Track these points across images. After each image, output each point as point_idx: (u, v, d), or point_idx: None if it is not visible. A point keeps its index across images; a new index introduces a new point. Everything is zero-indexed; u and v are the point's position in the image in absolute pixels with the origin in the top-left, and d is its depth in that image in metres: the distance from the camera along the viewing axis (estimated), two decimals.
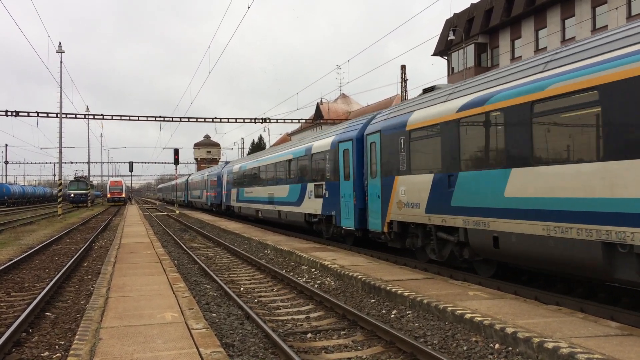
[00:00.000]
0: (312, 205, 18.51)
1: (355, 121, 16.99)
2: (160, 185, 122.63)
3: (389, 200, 13.06)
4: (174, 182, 68.00)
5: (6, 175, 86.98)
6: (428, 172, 11.37)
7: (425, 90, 12.99)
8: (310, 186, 18.71)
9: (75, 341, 6.44)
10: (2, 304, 10.11)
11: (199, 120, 44.84)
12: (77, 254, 16.61)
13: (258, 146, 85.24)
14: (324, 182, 17.47)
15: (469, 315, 7.33)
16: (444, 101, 11.04)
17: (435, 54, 46.97)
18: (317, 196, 18.04)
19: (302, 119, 49.83)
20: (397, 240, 13.18)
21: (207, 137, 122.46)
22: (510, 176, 8.97)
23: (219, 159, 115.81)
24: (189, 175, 66.81)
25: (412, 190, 11.97)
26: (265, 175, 25.82)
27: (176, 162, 47.69)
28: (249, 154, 71.53)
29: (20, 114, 39.62)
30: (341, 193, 15.99)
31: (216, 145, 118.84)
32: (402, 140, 12.44)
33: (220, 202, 38.73)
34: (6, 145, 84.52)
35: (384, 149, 13.40)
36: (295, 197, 20.43)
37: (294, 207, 20.67)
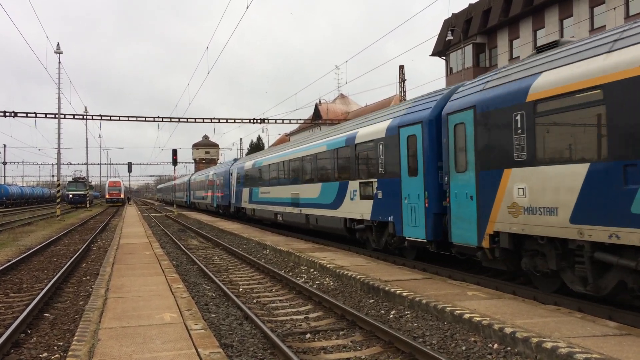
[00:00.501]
0: (357, 208, 14.90)
1: (420, 99, 12.97)
2: (159, 186, 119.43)
3: (490, 203, 9.44)
4: (174, 182, 66.92)
5: (4, 176, 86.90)
6: (577, 161, 7.81)
7: (541, 49, 9.45)
8: (354, 184, 15.10)
9: (74, 342, 6.44)
10: (0, 305, 10.09)
11: (197, 120, 44.84)
12: (76, 255, 16.59)
13: (257, 146, 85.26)
14: (374, 180, 13.85)
15: (468, 315, 7.34)
16: (609, 51, 7.48)
17: (433, 54, 47.00)
18: (364, 197, 14.49)
19: (300, 120, 49.85)
20: (504, 259, 9.49)
21: (205, 137, 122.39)
22: None
23: (218, 159, 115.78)
24: (192, 174, 63.59)
25: (540, 189, 8.42)
26: (287, 172, 21.84)
27: (175, 162, 47.71)
28: (247, 154, 71.40)
29: (18, 114, 39.59)
30: (403, 193, 12.47)
31: (215, 145, 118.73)
32: (517, 117, 8.88)
33: (229, 204, 34.69)
34: (4, 146, 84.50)
35: (481, 131, 9.72)
36: (331, 197, 16.84)
37: (328, 210, 17.02)
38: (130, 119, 44.37)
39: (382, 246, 14.06)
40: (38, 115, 40.48)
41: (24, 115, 39.89)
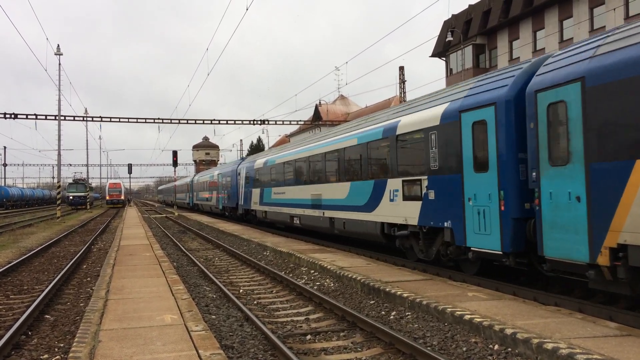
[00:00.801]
0: (399, 211, 12.64)
1: (486, 78, 10.64)
2: (160, 187, 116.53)
3: (613, 207, 7.15)
4: (174, 184, 65.31)
5: (5, 178, 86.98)
6: None
7: None
8: (394, 183, 12.85)
9: (74, 344, 6.44)
10: (1, 307, 10.10)
11: (197, 122, 44.90)
12: (76, 257, 16.60)
13: (257, 148, 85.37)
14: (424, 177, 11.64)
15: (469, 316, 7.34)
16: None
17: (433, 55, 47.04)
18: (408, 197, 12.25)
19: (300, 121, 49.90)
20: (632, 282, 7.21)
21: (205, 138, 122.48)
22: None
23: (218, 160, 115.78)
24: (195, 174, 60.90)
25: None
26: (307, 171, 19.48)
27: (175, 164, 47.73)
28: (247, 155, 71.35)
29: (18, 116, 39.62)
30: (466, 193, 10.21)
31: (215, 147, 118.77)
32: None
33: (236, 205, 32.24)
34: (5, 147, 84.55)
35: (595, 110, 7.49)
36: (363, 198, 14.53)
37: (359, 213, 14.82)
38: (130, 120, 44.42)
39: (432, 257, 11.85)
40: (38, 116, 40.54)
41: (24, 116, 39.96)
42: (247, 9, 20.50)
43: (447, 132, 10.90)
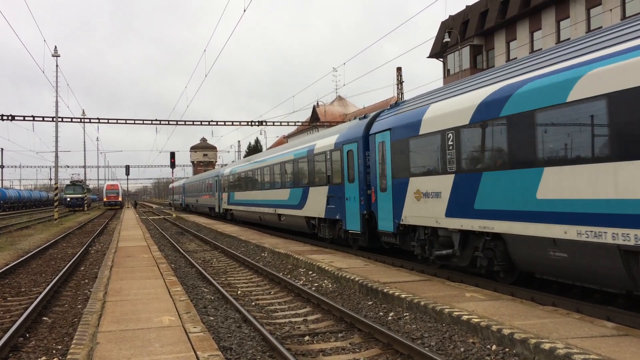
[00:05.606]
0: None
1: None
2: (174, 184, 75.44)
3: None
4: (206, 178, 44.82)
5: (2, 180, 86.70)
6: None
7: None
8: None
9: (72, 345, 6.43)
10: None
11: (195, 123, 44.80)
12: (74, 258, 16.58)
13: (254, 149, 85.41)
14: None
15: (466, 316, 7.35)
16: None
17: (431, 56, 47.09)
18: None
19: (298, 122, 49.90)
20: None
21: (203, 140, 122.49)
22: None
23: (216, 162, 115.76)
24: (224, 166, 45.32)
25: None
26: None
27: (172, 165, 47.67)
28: (245, 156, 71.24)
29: (16, 118, 39.53)
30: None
31: (213, 148, 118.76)
32: None
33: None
34: (2, 149, 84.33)
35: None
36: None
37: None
38: (128, 121, 44.35)
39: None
40: (35, 118, 40.43)
41: (22, 118, 39.84)
42: (244, 10, 20.51)
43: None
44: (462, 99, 10.18)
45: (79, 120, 44.39)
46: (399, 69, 42.62)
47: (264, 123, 44.91)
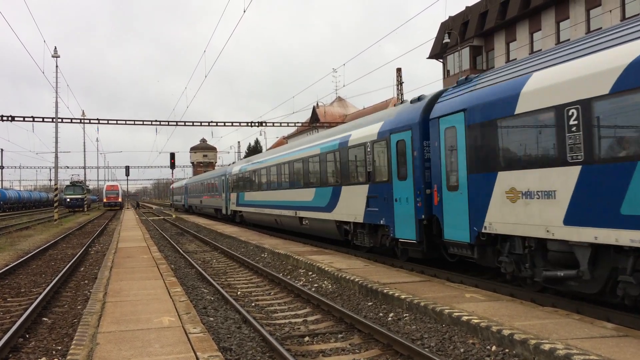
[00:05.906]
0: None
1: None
2: (175, 184, 73.28)
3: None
4: (211, 177, 42.33)
5: (2, 180, 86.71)
6: None
7: None
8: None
9: (72, 346, 6.44)
10: None
11: (195, 124, 44.82)
12: (74, 259, 16.58)
13: (254, 149, 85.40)
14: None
15: (466, 317, 7.35)
16: None
17: (430, 57, 47.11)
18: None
19: (298, 123, 49.94)
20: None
21: (203, 140, 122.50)
22: None
23: (216, 162, 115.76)
24: (231, 164, 39.07)
25: None
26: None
27: (172, 166, 47.66)
28: (244, 157, 71.22)
29: (15, 118, 39.54)
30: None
31: (213, 149, 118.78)
32: None
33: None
34: (2, 150, 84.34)
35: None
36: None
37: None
38: (127, 122, 44.35)
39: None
40: (35, 119, 40.43)
41: (22, 119, 39.84)
42: (244, 11, 20.53)
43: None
44: (592, 60, 7.47)
45: (78, 120, 44.40)
46: (398, 70, 42.67)
47: (264, 124, 44.92)
